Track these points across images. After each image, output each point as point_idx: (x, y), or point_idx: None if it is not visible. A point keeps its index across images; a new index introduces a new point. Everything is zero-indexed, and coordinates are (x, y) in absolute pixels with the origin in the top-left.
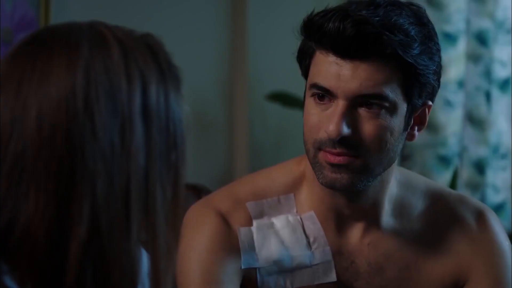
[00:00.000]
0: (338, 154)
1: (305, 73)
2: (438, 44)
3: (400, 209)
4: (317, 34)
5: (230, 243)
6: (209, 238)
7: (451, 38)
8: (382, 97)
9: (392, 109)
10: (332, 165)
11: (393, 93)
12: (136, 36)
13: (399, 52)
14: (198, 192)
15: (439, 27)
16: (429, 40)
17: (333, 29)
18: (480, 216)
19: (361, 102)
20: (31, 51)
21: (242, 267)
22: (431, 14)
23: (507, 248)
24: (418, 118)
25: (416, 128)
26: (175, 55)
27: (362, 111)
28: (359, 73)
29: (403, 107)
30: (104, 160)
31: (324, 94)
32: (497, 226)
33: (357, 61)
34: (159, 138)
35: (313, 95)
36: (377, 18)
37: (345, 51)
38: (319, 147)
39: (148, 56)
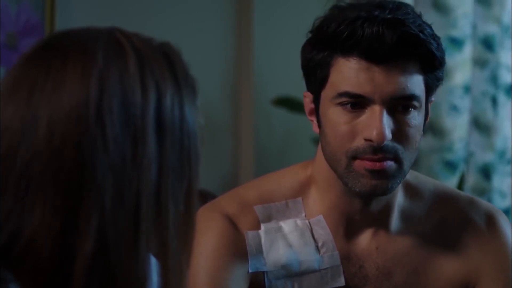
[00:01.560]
0: (379, 160)
1: (320, 84)
2: None
3: (409, 212)
4: (348, 42)
5: (237, 247)
6: (216, 243)
7: (457, 43)
8: (415, 98)
9: (420, 108)
10: (372, 172)
11: (421, 91)
12: (154, 45)
13: (433, 50)
14: (204, 197)
15: (446, 31)
16: (439, 38)
17: (371, 35)
18: (490, 219)
19: (395, 104)
20: (45, 57)
21: (250, 271)
22: (437, 18)
23: None
24: (427, 114)
25: (425, 124)
26: None
27: (397, 113)
28: (393, 76)
29: (424, 104)
30: (114, 174)
31: (354, 102)
32: (508, 229)
33: (389, 64)
34: (172, 151)
35: (342, 103)
36: (411, 20)
37: (380, 56)
38: (355, 156)
39: (164, 66)
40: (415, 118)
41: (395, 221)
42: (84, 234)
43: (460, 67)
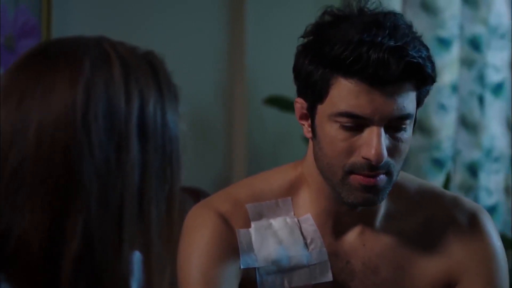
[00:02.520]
0: (374, 176)
1: (317, 98)
2: None
3: (395, 210)
4: (352, 67)
5: (229, 244)
6: (208, 240)
7: (445, 43)
8: (410, 116)
9: (412, 123)
10: (365, 187)
11: (413, 109)
12: (138, 54)
13: (429, 73)
14: (197, 195)
15: (434, 32)
16: (431, 55)
17: (377, 62)
18: (473, 217)
19: (391, 123)
20: (35, 65)
21: (242, 267)
22: (425, 19)
23: (499, 249)
24: (415, 122)
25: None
26: (174, 60)
27: (391, 131)
28: (392, 97)
29: (414, 118)
30: (99, 178)
31: (353, 121)
32: (490, 227)
33: (389, 87)
34: (155, 157)
35: (341, 123)
36: (411, 45)
37: (383, 82)
38: (351, 171)
39: (148, 75)
40: (407, 133)
41: (381, 219)
42: (71, 234)
43: (447, 67)
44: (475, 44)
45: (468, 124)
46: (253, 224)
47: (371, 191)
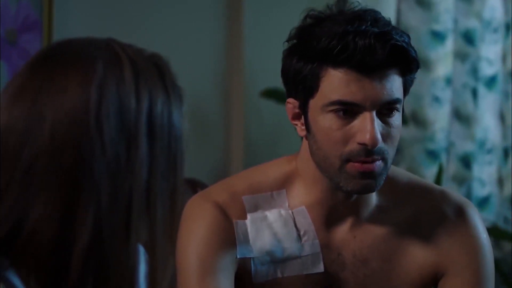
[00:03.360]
0: (371, 161)
1: (308, 93)
2: None
3: (385, 204)
4: (340, 56)
5: (227, 234)
6: (206, 230)
7: (439, 37)
8: (399, 101)
9: (400, 109)
10: (363, 173)
11: (401, 94)
12: (146, 56)
13: (414, 57)
14: (195, 186)
15: (428, 26)
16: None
17: (364, 49)
18: (460, 210)
19: (382, 109)
20: (49, 65)
21: (238, 257)
22: (420, 13)
23: (485, 242)
24: (403, 112)
25: None
26: (172, 53)
27: (383, 117)
28: (381, 83)
29: (402, 104)
30: (109, 173)
31: (346, 109)
32: (477, 220)
33: (377, 73)
34: (161, 154)
35: (334, 110)
36: (394, 32)
37: (371, 68)
38: (349, 159)
39: (156, 76)
40: (398, 119)
41: (372, 212)
42: (81, 227)
43: (442, 60)
44: (469, 37)
45: (461, 116)
46: (249, 216)
47: (369, 177)
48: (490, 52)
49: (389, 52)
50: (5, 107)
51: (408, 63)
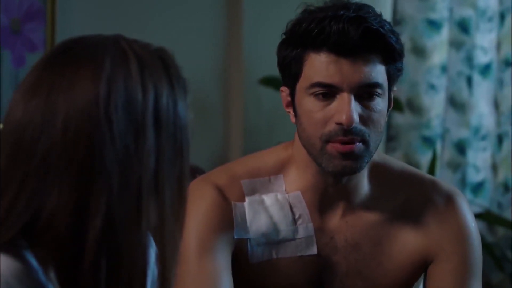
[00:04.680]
0: (349, 142)
1: (294, 78)
2: None
3: (376, 191)
4: (318, 39)
5: (225, 215)
6: (206, 210)
7: (435, 26)
8: (378, 85)
9: (383, 95)
10: (343, 154)
11: (383, 80)
12: (151, 50)
13: (392, 43)
14: (193, 172)
15: (425, 15)
16: (398, 34)
17: (338, 31)
18: (449, 199)
19: (362, 92)
20: (61, 61)
21: (235, 237)
22: (416, 2)
23: (473, 230)
24: (390, 101)
25: (388, 110)
26: (174, 42)
27: (363, 100)
28: (358, 66)
29: (387, 92)
30: (119, 162)
31: (325, 91)
32: (466, 209)
33: (355, 56)
34: (168, 143)
35: (314, 93)
36: (372, 18)
37: (346, 49)
38: (328, 140)
39: (161, 70)
40: (379, 104)
41: (364, 198)
42: (94, 212)
43: (437, 48)
44: (464, 26)
45: (456, 104)
46: (247, 199)
47: (349, 157)
48: (484, 40)
49: (362, 35)
50: (20, 102)
51: (388, 50)
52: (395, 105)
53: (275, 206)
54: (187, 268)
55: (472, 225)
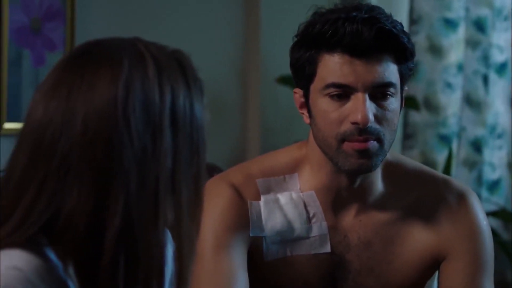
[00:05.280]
0: (364, 141)
1: (309, 79)
2: None
3: (389, 190)
4: (332, 40)
5: (241, 213)
6: (222, 208)
7: (452, 25)
8: (392, 85)
9: (396, 95)
10: (359, 152)
11: (396, 80)
12: (168, 52)
13: (405, 43)
14: (211, 171)
15: (441, 14)
16: (409, 34)
17: (352, 32)
18: (461, 198)
19: (375, 92)
20: (80, 63)
21: (251, 235)
22: (433, 1)
23: (485, 228)
24: (402, 101)
25: (400, 109)
26: (194, 42)
27: (377, 100)
28: (372, 66)
29: (400, 91)
30: (137, 163)
31: (340, 92)
32: (478, 208)
33: (369, 56)
34: (184, 143)
35: (329, 94)
36: (384, 18)
37: (360, 50)
38: (343, 139)
39: (178, 71)
40: (393, 103)
41: (377, 197)
42: (113, 212)
43: (454, 47)
44: (480, 25)
45: (472, 102)
46: (262, 198)
47: (365, 156)
48: (500, 39)
49: (376, 36)
50: (40, 103)
51: (400, 50)
52: (411, 103)
53: (289, 204)
54: (203, 265)
55: (484, 223)
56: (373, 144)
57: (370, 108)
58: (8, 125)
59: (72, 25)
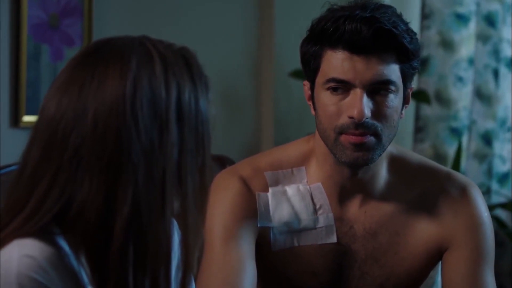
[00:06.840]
0: (360, 135)
1: (314, 73)
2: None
3: (394, 182)
4: (333, 36)
5: (249, 205)
6: (231, 199)
7: (463, 19)
8: (390, 82)
9: (397, 92)
10: (355, 145)
11: (397, 78)
12: (174, 50)
13: (405, 43)
14: (223, 163)
15: (452, 9)
16: (414, 34)
17: (351, 30)
18: (464, 191)
19: (374, 89)
20: (90, 61)
21: (259, 226)
22: None
23: (486, 220)
24: (406, 98)
25: (404, 107)
26: (209, 36)
27: (377, 96)
28: (371, 64)
29: (402, 89)
30: (145, 155)
31: (339, 87)
32: (479, 200)
33: (368, 54)
34: (190, 137)
35: (329, 88)
36: (386, 18)
37: (360, 48)
38: (341, 132)
39: (183, 68)
40: (393, 100)
41: (382, 189)
42: (122, 202)
43: (465, 41)
44: (490, 20)
45: (483, 96)
46: (270, 190)
47: (361, 149)
48: (510, 34)
49: (374, 35)
50: (53, 99)
51: (401, 49)
52: (423, 97)
53: (297, 196)
54: (212, 255)
55: (485, 215)
56: (369, 139)
57: (367, 104)
58: (27, 118)
59: (89, 21)
